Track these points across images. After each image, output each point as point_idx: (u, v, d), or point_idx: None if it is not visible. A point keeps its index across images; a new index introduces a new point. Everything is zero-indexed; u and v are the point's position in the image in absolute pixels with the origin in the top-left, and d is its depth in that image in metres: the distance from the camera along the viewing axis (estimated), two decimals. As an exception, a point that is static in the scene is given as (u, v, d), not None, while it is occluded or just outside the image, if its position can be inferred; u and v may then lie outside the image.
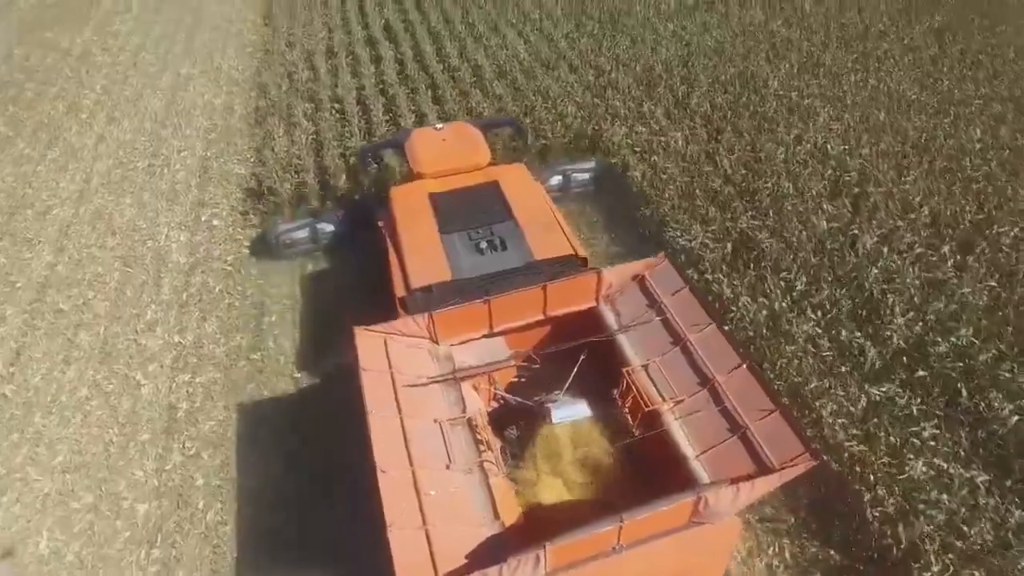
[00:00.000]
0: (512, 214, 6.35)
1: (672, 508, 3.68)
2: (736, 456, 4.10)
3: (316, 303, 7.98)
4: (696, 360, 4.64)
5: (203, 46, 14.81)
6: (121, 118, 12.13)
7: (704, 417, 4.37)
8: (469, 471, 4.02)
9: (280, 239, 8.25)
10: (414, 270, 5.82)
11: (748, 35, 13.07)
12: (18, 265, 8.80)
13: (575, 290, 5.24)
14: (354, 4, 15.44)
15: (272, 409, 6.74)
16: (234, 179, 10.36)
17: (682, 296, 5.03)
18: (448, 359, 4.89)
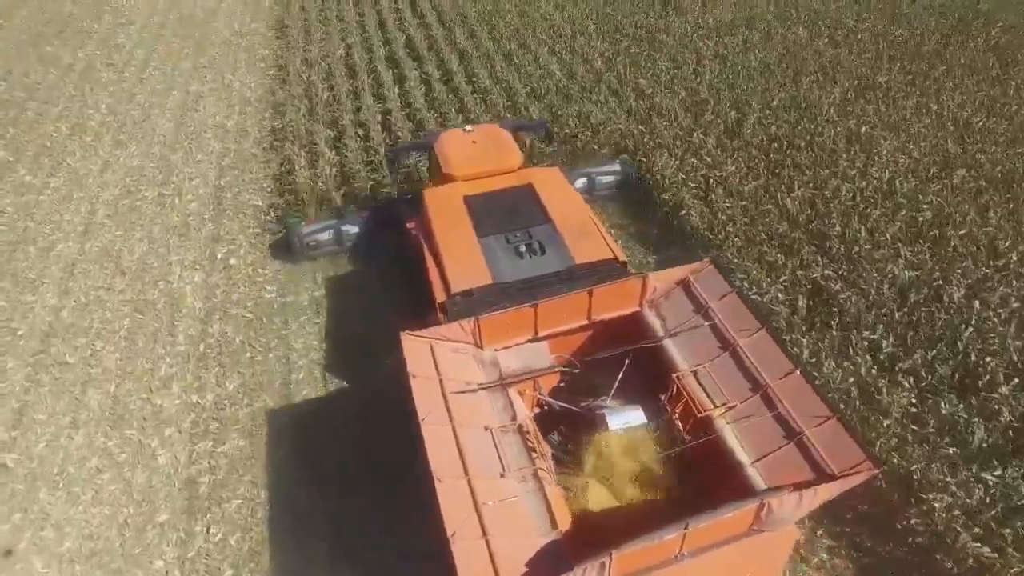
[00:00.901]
0: (549, 217, 6.35)
1: (736, 515, 3.68)
2: (793, 463, 4.08)
3: (347, 349, 7.48)
4: (747, 365, 4.62)
5: (212, 62, 14.38)
6: (128, 141, 11.67)
7: (757, 423, 4.35)
8: (523, 480, 4.02)
9: (304, 241, 8.30)
10: (454, 274, 5.80)
11: (793, 55, 12.63)
12: (20, 310, 8.30)
13: (620, 295, 5.25)
14: (373, 19, 15.03)
15: (306, 484, 6.21)
16: (250, 211, 9.87)
17: (729, 301, 5.01)
18: (493, 364, 4.87)
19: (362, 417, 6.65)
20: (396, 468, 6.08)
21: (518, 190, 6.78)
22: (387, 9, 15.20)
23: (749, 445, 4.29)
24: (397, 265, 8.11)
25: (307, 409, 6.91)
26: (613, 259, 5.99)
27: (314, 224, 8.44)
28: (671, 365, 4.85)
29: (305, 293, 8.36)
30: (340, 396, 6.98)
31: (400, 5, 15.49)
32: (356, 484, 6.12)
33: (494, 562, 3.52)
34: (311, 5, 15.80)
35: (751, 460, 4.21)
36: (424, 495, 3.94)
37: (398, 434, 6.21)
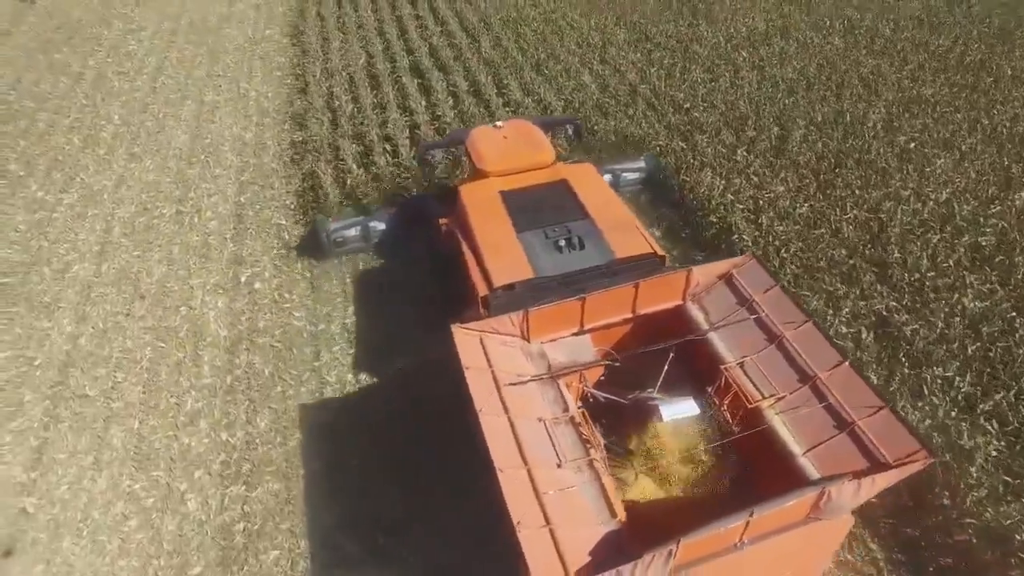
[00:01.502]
0: (587, 213, 6.46)
1: (796, 503, 3.76)
2: (846, 452, 4.15)
3: (386, 385, 7.17)
4: (794, 357, 4.71)
5: (226, 69, 14.12)
6: (143, 154, 11.39)
7: (808, 414, 4.42)
8: (579, 470, 4.12)
9: (332, 237, 8.40)
10: (496, 268, 5.90)
11: (832, 66, 12.35)
12: (36, 337, 8.00)
13: (664, 288, 5.36)
14: (393, 26, 14.75)
15: (349, 531, 5.90)
16: (274, 230, 9.58)
17: (773, 294, 5.11)
18: (541, 357, 4.99)
19: (405, 457, 6.36)
20: (446, 508, 5.79)
21: (554, 186, 6.90)
22: (407, 16, 14.93)
23: (800, 435, 4.37)
24: (429, 273, 8.07)
25: (346, 448, 6.60)
26: (652, 254, 6.08)
27: (342, 221, 8.54)
28: (717, 357, 4.93)
29: (336, 321, 8.05)
30: (379, 437, 6.66)
31: (421, 12, 15.24)
32: (402, 530, 5.82)
33: (559, 551, 3.60)
34: (328, 11, 15.55)
35: (803, 450, 4.30)
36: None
37: (447, 472, 6.04)
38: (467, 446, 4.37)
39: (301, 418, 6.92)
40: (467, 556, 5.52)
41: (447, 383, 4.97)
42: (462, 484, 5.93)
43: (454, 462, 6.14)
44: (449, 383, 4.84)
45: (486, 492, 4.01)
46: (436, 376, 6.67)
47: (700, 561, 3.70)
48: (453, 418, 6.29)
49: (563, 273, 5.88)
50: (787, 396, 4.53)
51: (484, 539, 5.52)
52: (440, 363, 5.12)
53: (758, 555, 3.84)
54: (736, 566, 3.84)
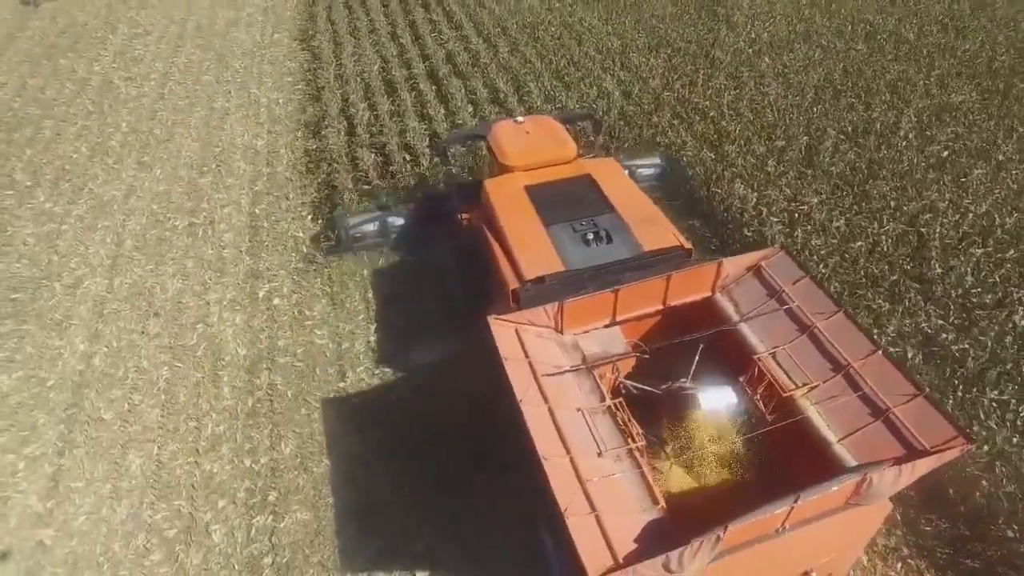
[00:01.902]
0: (612, 207, 6.56)
1: (839, 489, 3.79)
2: (882, 440, 4.19)
3: (417, 407, 6.95)
4: (826, 347, 4.75)
5: (236, 75, 13.92)
6: (152, 163, 11.18)
7: (842, 402, 4.46)
8: (618, 459, 4.17)
9: (351, 232, 8.52)
10: (526, 262, 5.98)
11: (857, 72, 12.18)
12: (48, 356, 7.78)
13: (694, 280, 5.43)
14: (407, 31, 14.55)
15: (383, 565, 5.68)
16: (291, 243, 9.37)
17: (803, 285, 5.16)
18: (575, 348, 5.05)
19: (439, 482, 6.15)
20: (484, 539, 5.59)
21: (578, 180, 7.02)
22: (421, 20, 14.74)
23: (835, 423, 4.41)
24: (449, 269, 7.99)
25: (376, 475, 6.38)
26: (679, 247, 6.18)
27: (360, 216, 8.66)
28: (748, 348, 4.97)
29: (360, 338, 7.84)
30: (411, 462, 6.44)
31: (435, 16, 15.05)
32: (439, 562, 5.60)
33: (607, 537, 3.63)
34: (338, 15, 15.36)
35: (838, 438, 4.33)
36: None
37: (484, 498, 5.84)
38: (503, 468, 4.18)
39: (328, 443, 6.70)
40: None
41: (475, 399, 5.14)
42: (501, 511, 5.74)
43: (489, 489, 5.96)
44: (477, 401, 5.01)
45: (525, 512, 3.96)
46: (461, 393, 6.58)
47: (742, 546, 3.76)
48: (485, 440, 6.18)
49: (592, 266, 5.97)
50: (820, 385, 4.59)
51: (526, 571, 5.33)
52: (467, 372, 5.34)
53: (797, 541, 3.91)
54: (775, 552, 3.90)
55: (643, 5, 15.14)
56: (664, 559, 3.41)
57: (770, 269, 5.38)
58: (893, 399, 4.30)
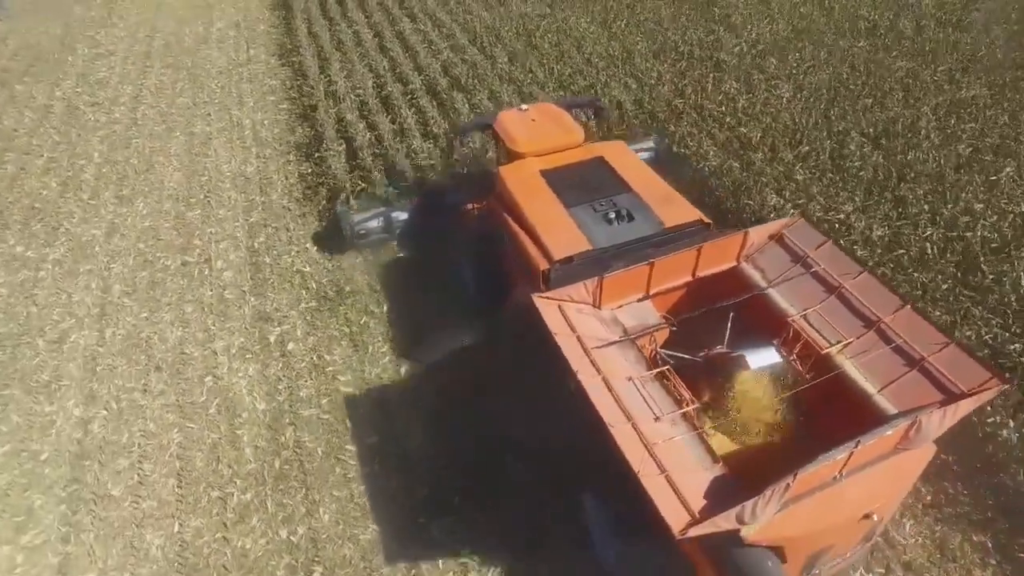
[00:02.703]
0: (629, 186, 6.82)
1: (894, 432, 4.06)
2: (920, 387, 4.46)
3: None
4: (855, 305, 5.03)
5: (213, 96, 13.21)
6: (133, 196, 10.45)
7: (877, 356, 4.71)
8: (674, 423, 4.39)
9: (355, 229, 8.61)
10: (553, 243, 6.17)
11: (866, 71, 12.15)
12: (38, 425, 7.07)
13: (721, 250, 5.66)
14: (396, 43, 13.95)
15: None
16: (298, 279, 8.80)
17: (826, 249, 5.43)
18: (614, 321, 5.29)
19: (504, 538, 5.70)
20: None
21: (592, 163, 7.25)
22: (410, 31, 14.24)
23: (872, 376, 4.66)
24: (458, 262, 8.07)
25: (430, 542, 5.89)
26: (700, 220, 6.44)
27: (364, 212, 8.76)
28: (780, 312, 5.22)
29: (388, 380, 7.33)
30: (465, 519, 5.98)
31: (422, 27, 14.55)
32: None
33: (680, 494, 3.85)
34: (320, 28, 14.74)
35: (877, 389, 4.57)
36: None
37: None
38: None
39: (372, 505, 6.19)
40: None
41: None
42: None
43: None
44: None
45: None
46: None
47: (804, 495, 3.99)
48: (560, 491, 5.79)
49: (616, 244, 6.18)
50: (854, 341, 4.84)
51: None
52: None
53: (852, 488, 4.16)
54: (833, 499, 4.11)
55: (637, 7, 14.95)
56: (739, 510, 3.61)
57: (792, 236, 5.65)
58: (926, 349, 4.59)
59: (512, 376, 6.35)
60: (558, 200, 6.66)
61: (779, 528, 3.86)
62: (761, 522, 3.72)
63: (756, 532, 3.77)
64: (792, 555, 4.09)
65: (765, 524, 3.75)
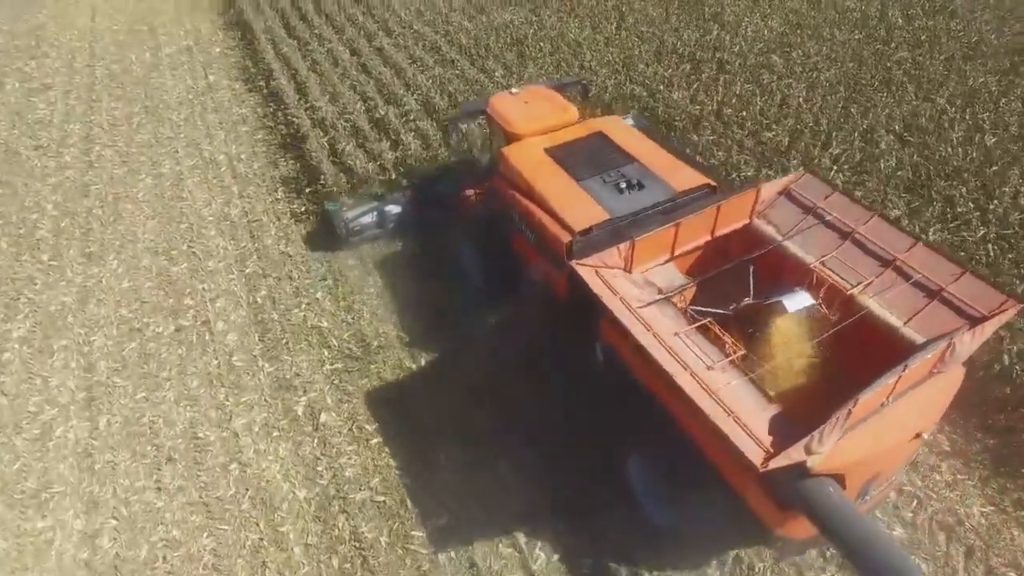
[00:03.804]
0: (633, 157, 7.14)
1: (935, 354, 4.43)
2: (942, 315, 4.87)
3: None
4: (870, 247, 5.44)
5: (177, 129, 12.13)
6: (103, 253, 9.35)
7: (898, 291, 5.11)
8: (724, 370, 4.61)
9: (350, 226, 8.73)
10: (571, 216, 6.43)
11: (872, 64, 12.12)
12: (32, 548, 6.02)
13: (736, 208, 5.94)
14: (377, 60, 13.07)
15: None
16: (316, 337, 7.96)
17: (835, 199, 5.81)
18: (647, 283, 5.55)
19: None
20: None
21: (593, 138, 7.53)
22: (389, 46, 13.45)
23: (896, 310, 5.03)
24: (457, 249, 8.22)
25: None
26: (707, 184, 6.81)
27: (357, 208, 8.82)
28: (798, 261, 5.55)
29: (443, 450, 6.59)
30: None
31: (404, 41, 13.73)
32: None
33: (750, 433, 4.12)
34: (288, 49, 13.75)
35: (903, 321, 4.94)
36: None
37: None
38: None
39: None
40: None
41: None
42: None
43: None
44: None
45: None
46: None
47: (859, 422, 4.28)
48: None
49: (633, 212, 6.46)
50: (874, 281, 5.21)
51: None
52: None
53: (900, 411, 4.48)
54: (886, 424, 4.41)
55: (623, 8, 14.63)
56: (808, 440, 3.91)
57: (800, 190, 5.97)
58: (943, 280, 4.99)
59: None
60: (568, 175, 6.93)
61: (842, 455, 4.17)
62: (826, 451, 4.03)
63: (821, 461, 4.05)
64: (851, 481, 4.41)
65: (829, 453, 4.06)
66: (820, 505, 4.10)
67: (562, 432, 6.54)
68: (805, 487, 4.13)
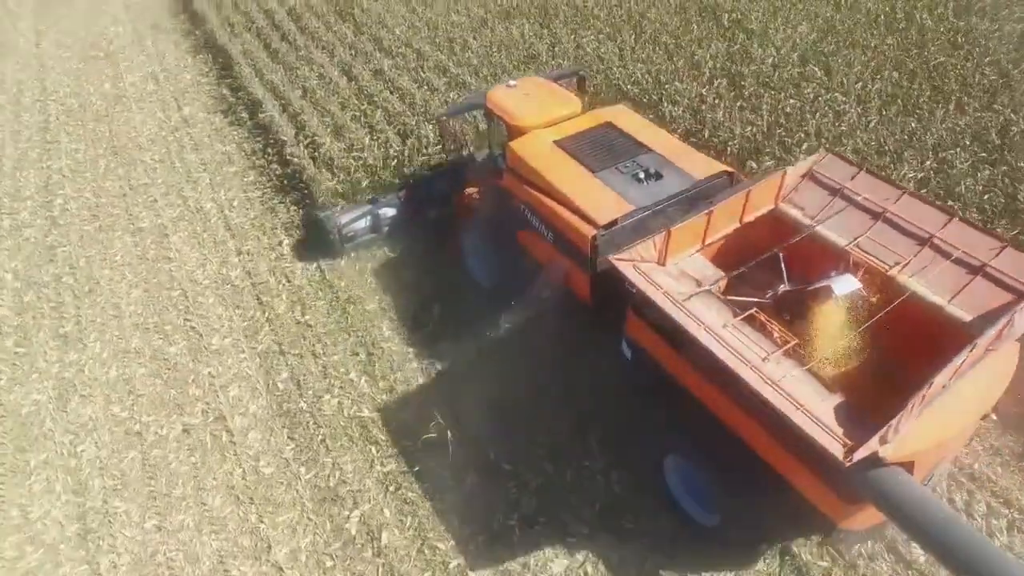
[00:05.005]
0: (647, 147, 7.08)
1: (994, 331, 4.37)
2: (988, 291, 4.83)
3: None
4: (904, 226, 5.38)
5: (153, 174, 10.81)
6: (81, 334, 8.04)
7: (939, 270, 5.05)
8: (778, 361, 4.48)
9: (344, 232, 8.51)
10: (593, 209, 6.32)
11: (915, 72, 11.57)
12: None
13: (763, 193, 5.90)
14: (383, 87, 11.85)
15: None
16: (358, 430, 6.82)
17: (862, 178, 5.77)
18: (683, 275, 5.39)
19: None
20: None
21: (602, 128, 7.43)
22: (391, 69, 12.30)
23: (939, 289, 4.98)
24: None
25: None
26: (726, 171, 6.78)
27: (350, 213, 8.60)
28: (830, 244, 5.50)
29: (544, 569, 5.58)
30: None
31: (406, 63, 12.55)
32: None
33: (823, 424, 4.00)
34: (273, 75, 12.47)
35: (948, 299, 4.90)
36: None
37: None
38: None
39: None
40: None
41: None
42: None
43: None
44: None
45: None
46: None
47: (927, 404, 4.17)
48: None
49: (655, 202, 6.39)
50: (911, 261, 5.18)
51: None
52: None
53: (965, 392, 4.39)
54: (953, 406, 4.32)
55: (638, 18, 13.82)
56: (886, 430, 3.81)
57: (824, 172, 5.93)
58: (984, 255, 4.95)
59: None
60: (582, 167, 6.81)
61: (914, 442, 4.09)
62: (900, 438, 3.94)
63: (894, 449, 3.92)
64: (920, 468, 4.33)
65: (901, 440, 3.96)
66: (897, 496, 3.95)
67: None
68: (878, 478, 3.98)
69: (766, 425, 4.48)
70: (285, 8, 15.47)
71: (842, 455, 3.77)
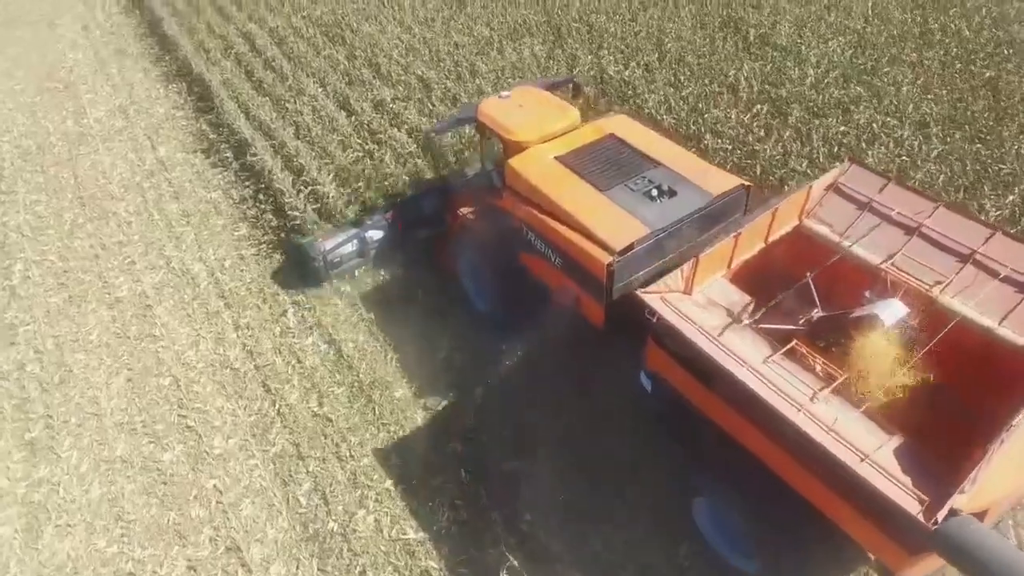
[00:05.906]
0: (656, 161, 6.74)
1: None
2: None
3: None
4: (943, 242, 5.14)
5: (128, 230, 9.63)
6: (53, 442, 6.88)
7: (983, 288, 4.85)
8: (826, 400, 4.25)
9: (328, 258, 8.17)
10: (607, 233, 5.94)
11: (959, 90, 10.93)
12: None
13: (788, 210, 5.65)
14: (386, 121, 10.81)
15: None
16: (402, 556, 5.77)
17: (892, 190, 5.51)
18: (710, 304, 5.15)
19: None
20: None
21: (605, 141, 7.11)
22: (392, 100, 11.23)
23: (987, 309, 4.74)
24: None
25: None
26: (742, 185, 6.48)
27: (334, 239, 8.22)
28: (862, 264, 5.26)
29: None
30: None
31: (407, 91, 11.52)
32: None
33: (891, 475, 3.75)
34: (258, 109, 11.33)
35: (998, 321, 4.68)
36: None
37: None
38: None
39: None
40: None
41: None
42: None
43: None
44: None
45: None
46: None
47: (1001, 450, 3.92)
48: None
49: (671, 222, 6.06)
50: (952, 279, 4.94)
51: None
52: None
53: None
54: (1017, 451, 3.97)
55: (659, 36, 12.98)
56: (964, 483, 3.55)
57: (849, 184, 5.68)
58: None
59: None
60: (589, 185, 6.46)
61: (990, 491, 3.81)
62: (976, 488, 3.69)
63: (969, 499, 3.66)
64: (992, 515, 4.03)
65: (978, 490, 3.70)
66: (974, 549, 3.56)
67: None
68: (952, 531, 3.61)
69: (813, 468, 4.13)
70: (266, 30, 14.34)
71: (921, 514, 3.51)
